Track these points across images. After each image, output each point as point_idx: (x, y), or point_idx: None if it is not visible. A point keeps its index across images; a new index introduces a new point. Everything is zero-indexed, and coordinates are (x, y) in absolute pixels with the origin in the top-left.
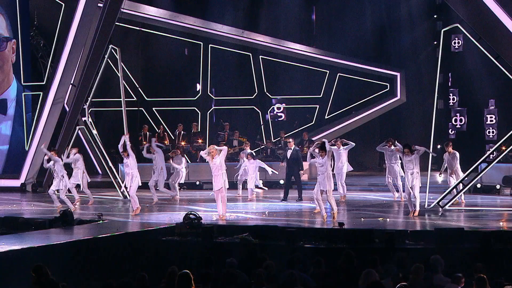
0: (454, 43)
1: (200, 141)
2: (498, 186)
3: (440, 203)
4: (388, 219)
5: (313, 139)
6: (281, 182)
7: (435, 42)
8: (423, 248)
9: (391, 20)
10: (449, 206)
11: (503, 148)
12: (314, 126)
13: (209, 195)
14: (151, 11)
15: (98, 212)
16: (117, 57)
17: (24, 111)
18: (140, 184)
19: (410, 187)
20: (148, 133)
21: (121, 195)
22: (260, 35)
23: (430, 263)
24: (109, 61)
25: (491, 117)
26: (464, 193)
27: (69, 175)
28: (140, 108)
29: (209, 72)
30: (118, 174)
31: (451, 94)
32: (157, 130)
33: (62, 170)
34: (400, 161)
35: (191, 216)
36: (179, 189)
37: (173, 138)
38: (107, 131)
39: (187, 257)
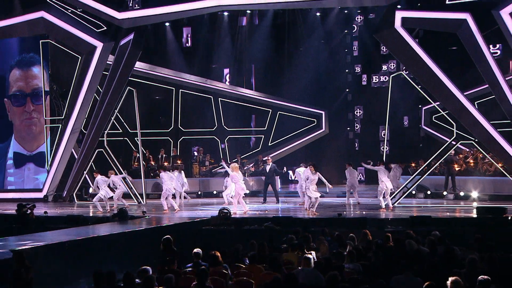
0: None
1: (179, 161)
2: (414, 192)
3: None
4: (364, 212)
5: (264, 159)
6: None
7: (347, 90)
8: (403, 231)
9: (319, 72)
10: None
11: (432, 163)
12: (260, 151)
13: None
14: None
15: (142, 210)
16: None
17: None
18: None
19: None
20: (137, 155)
21: (142, 201)
22: (219, 83)
23: (438, 237)
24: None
25: (383, 134)
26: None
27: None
28: (124, 138)
29: (179, 111)
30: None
31: (356, 125)
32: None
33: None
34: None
35: (224, 211)
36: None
37: (150, 159)
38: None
39: (222, 240)
